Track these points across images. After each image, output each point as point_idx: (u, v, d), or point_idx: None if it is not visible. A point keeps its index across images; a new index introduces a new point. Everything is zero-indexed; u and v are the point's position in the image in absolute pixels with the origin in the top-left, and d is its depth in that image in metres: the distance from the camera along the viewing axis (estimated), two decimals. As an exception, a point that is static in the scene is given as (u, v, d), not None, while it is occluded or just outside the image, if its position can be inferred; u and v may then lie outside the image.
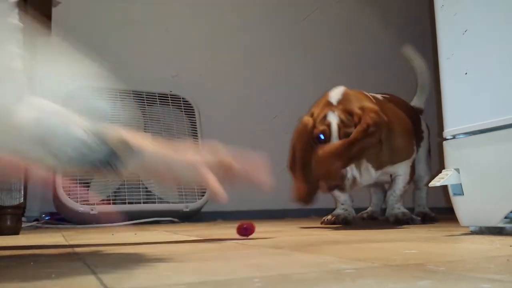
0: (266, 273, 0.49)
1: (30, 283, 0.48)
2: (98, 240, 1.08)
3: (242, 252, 0.73)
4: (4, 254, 0.79)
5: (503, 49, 0.92)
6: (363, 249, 0.73)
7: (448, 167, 1.02)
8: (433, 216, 1.67)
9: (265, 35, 2.69)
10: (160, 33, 2.46)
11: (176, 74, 2.46)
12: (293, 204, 1.38)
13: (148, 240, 1.03)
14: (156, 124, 2.17)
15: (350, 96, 1.32)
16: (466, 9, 1.00)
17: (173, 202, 2.06)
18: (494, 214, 0.92)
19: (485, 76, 0.95)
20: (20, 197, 1.32)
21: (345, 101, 1.29)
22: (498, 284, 0.41)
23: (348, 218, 1.51)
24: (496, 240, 0.82)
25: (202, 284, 0.44)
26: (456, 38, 1.01)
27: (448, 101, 1.03)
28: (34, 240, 1.10)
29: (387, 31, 2.99)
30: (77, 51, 0.89)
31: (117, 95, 2.14)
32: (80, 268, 0.58)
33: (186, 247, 0.82)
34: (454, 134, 1.01)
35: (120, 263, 0.62)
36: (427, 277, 0.45)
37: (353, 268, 0.51)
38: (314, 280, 0.45)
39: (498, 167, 0.91)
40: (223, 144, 0.86)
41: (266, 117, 2.60)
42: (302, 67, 2.71)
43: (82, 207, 1.88)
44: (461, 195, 0.98)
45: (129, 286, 0.44)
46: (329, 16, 2.85)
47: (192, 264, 0.59)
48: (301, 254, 0.67)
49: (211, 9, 2.59)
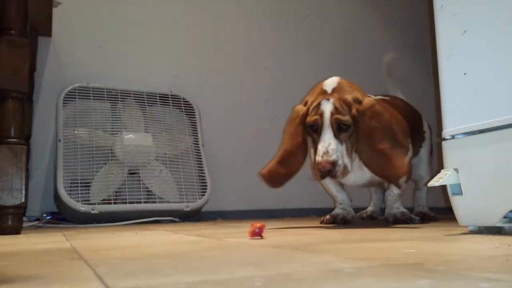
0: (266, 273, 0.50)
1: (31, 282, 0.48)
2: (99, 239, 1.08)
3: (242, 251, 0.74)
4: (5, 254, 0.79)
5: (502, 50, 0.93)
6: (363, 248, 0.73)
7: (447, 167, 1.02)
8: (432, 216, 1.67)
9: (265, 35, 2.69)
10: (161, 33, 2.47)
11: (177, 74, 2.46)
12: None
13: (148, 240, 1.03)
14: (157, 124, 2.18)
15: (345, 85, 1.32)
16: (465, 9, 1.00)
17: (173, 201, 2.06)
18: (493, 214, 0.92)
19: (484, 77, 0.95)
20: (21, 197, 1.32)
21: (340, 90, 1.30)
22: (497, 283, 0.41)
23: (347, 217, 1.51)
24: (495, 240, 0.82)
25: (202, 283, 0.44)
26: (455, 38, 1.01)
27: (447, 101, 1.03)
28: (35, 240, 1.11)
29: (386, 31, 2.99)
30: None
31: (118, 95, 2.15)
32: (81, 268, 0.58)
33: (187, 247, 0.82)
34: (453, 134, 1.01)
35: (121, 262, 0.62)
36: (426, 276, 0.45)
37: (352, 267, 0.51)
38: (313, 279, 0.45)
39: (497, 167, 0.92)
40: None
41: (266, 117, 2.60)
42: (302, 67, 2.71)
43: (83, 207, 1.88)
44: (460, 195, 0.99)
45: (130, 285, 0.45)
46: (329, 16, 2.85)
47: (192, 263, 0.59)
48: (300, 254, 0.67)
49: (211, 10, 2.59)
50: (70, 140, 2.00)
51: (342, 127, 1.26)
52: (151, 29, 2.45)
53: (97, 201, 1.93)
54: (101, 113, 2.10)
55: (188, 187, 2.12)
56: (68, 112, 2.05)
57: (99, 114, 2.09)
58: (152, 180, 2.06)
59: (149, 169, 2.06)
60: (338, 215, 1.51)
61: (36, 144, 2.12)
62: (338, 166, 1.23)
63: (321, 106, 1.28)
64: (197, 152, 2.22)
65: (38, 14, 1.96)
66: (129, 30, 2.41)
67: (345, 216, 1.51)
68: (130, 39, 2.40)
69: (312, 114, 1.28)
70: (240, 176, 2.49)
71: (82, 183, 1.94)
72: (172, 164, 2.13)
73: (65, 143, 1.98)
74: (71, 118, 2.04)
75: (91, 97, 2.10)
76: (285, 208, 2.53)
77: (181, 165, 2.14)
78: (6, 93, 1.37)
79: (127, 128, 2.09)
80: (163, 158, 2.11)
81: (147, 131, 2.13)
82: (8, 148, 1.33)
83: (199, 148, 2.23)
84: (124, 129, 2.07)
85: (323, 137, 1.25)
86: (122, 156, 2.01)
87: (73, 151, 1.99)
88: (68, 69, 2.26)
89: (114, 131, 2.06)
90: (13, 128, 1.35)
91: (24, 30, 1.41)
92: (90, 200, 1.92)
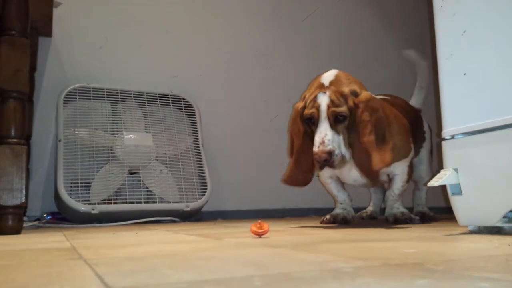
0: (266, 272, 0.50)
1: (31, 282, 0.48)
2: (99, 239, 1.08)
3: (242, 251, 0.74)
4: (6, 254, 0.80)
5: (501, 50, 0.93)
6: (362, 248, 0.73)
7: (446, 167, 1.02)
8: (432, 216, 1.67)
9: (265, 35, 2.69)
10: (161, 34, 2.47)
11: (177, 74, 2.46)
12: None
13: (148, 240, 1.03)
14: (157, 124, 2.18)
15: (343, 78, 1.32)
16: (465, 9, 1.00)
17: (173, 201, 2.06)
18: (493, 214, 0.92)
19: (484, 77, 0.95)
20: (21, 197, 1.32)
21: (337, 82, 1.30)
22: (496, 283, 0.41)
23: (347, 217, 1.51)
24: (495, 240, 0.82)
25: (202, 282, 0.44)
26: (455, 38, 1.01)
27: (447, 102, 1.03)
28: (35, 240, 1.11)
29: (386, 31, 2.99)
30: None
31: (119, 96, 2.15)
32: (81, 267, 0.58)
33: (187, 246, 0.82)
34: (453, 134, 1.02)
35: (121, 262, 0.62)
36: (426, 276, 0.45)
37: (352, 267, 0.51)
38: (313, 279, 0.45)
39: (497, 167, 0.92)
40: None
41: (266, 117, 2.61)
42: (302, 67, 2.71)
43: (83, 207, 1.88)
44: (460, 195, 0.99)
45: (130, 285, 0.45)
46: (329, 17, 2.85)
47: (192, 263, 0.59)
48: (300, 253, 0.67)
49: (211, 10, 2.59)
50: (71, 140, 2.00)
51: (339, 118, 1.26)
52: (151, 29, 2.45)
53: (97, 201, 1.93)
54: (101, 113, 2.10)
55: (188, 187, 2.13)
56: (68, 112, 2.05)
57: (99, 114, 2.09)
58: (152, 180, 2.06)
59: (149, 169, 2.07)
60: (339, 215, 1.52)
61: (36, 144, 2.12)
62: (335, 155, 1.24)
63: (317, 99, 1.29)
64: (197, 152, 2.22)
65: (39, 14, 1.96)
66: (129, 30, 2.41)
67: (345, 216, 1.51)
68: (130, 39, 2.41)
69: (309, 107, 1.30)
70: (240, 176, 2.49)
71: (82, 183, 1.94)
72: (172, 164, 2.13)
73: (66, 143, 1.98)
74: (71, 118, 2.04)
75: (91, 97, 2.10)
76: (285, 208, 2.53)
77: (181, 165, 2.14)
78: (7, 93, 1.37)
79: (127, 128, 2.09)
80: (163, 158, 2.12)
81: (147, 131, 2.13)
82: (8, 148, 1.33)
83: (199, 148, 2.23)
84: (125, 129, 2.08)
85: (320, 129, 1.26)
86: (122, 156, 2.01)
87: (74, 151, 1.99)
88: (68, 69, 2.27)
89: (114, 131, 2.06)
90: (14, 128, 1.35)
91: (25, 30, 1.41)
92: (90, 200, 1.92)
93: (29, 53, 1.43)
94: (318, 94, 1.29)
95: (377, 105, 1.29)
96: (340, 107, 1.26)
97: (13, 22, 1.39)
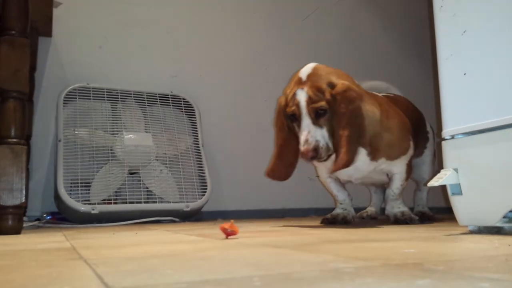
0: (266, 272, 0.50)
1: (31, 282, 0.48)
2: (99, 239, 1.08)
3: (242, 251, 0.74)
4: (5, 254, 0.80)
5: (501, 50, 0.93)
6: (362, 248, 0.73)
7: (446, 167, 1.02)
8: (432, 216, 1.67)
9: (265, 35, 2.69)
10: (161, 34, 2.47)
11: (177, 74, 2.46)
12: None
13: (148, 240, 1.03)
14: (157, 124, 2.18)
15: (321, 70, 1.33)
16: (465, 9, 1.00)
17: (173, 201, 2.06)
18: (493, 214, 0.92)
19: (484, 77, 0.95)
20: (21, 197, 1.32)
21: (314, 77, 1.31)
22: (497, 283, 0.41)
23: (347, 217, 1.51)
24: (495, 240, 0.82)
25: (202, 283, 0.44)
26: (455, 38, 1.01)
27: (447, 102, 1.03)
28: (35, 240, 1.11)
29: (386, 31, 2.99)
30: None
31: (118, 96, 2.15)
32: (81, 267, 0.58)
33: (187, 246, 0.82)
34: (453, 134, 1.02)
35: (121, 262, 0.62)
36: (426, 276, 0.45)
37: (352, 267, 0.51)
38: (313, 279, 0.45)
39: (497, 167, 0.92)
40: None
41: (266, 117, 2.60)
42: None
43: (83, 207, 1.88)
44: (460, 195, 0.99)
45: (130, 285, 0.45)
46: (329, 16, 2.85)
47: (192, 263, 0.59)
48: (300, 253, 0.67)
49: (211, 10, 2.59)
50: (70, 140, 2.00)
51: (319, 112, 1.28)
52: (151, 29, 2.45)
53: (97, 201, 1.93)
54: (101, 113, 2.10)
55: (188, 187, 2.13)
56: (68, 112, 2.05)
57: (99, 114, 2.09)
58: (152, 180, 2.06)
59: (149, 169, 2.07)
60: (339, 215, 1.51)
61: (36, 144, 2.12)
62: (320, 148, 1.26)
63: (296, 96, 1.30)
64: (197, 152, 2.22)
65: (39, 14, 1.96)
66: (129, 30, 2.41)
67: (346, 216, 1.51)
68: (130, 39, 2.41)
69: (290, 104, 1.32)
70: (240, 176, 2.49)
71: (82, 183, 1.94)
72: (172, 164, 2.13)
73: (65, 143, 1.98)
74: (71, 118, 2.04)
75: (91, 97, 2.10)
76: (285, 208, 2.53)
77: (181, 165, 2.14)
78: (7, 93, 1.37)
79: (127, 128, 2.09)
80: (163, 158, 2.12)
81: (147, 131, 2.13)
82: (8, 148, 1.33)
83: (199, 148, 2.23)
84: (124, 129, 2.08)
85: (302, 127, 1.28)
86: (122, 156, 2.01)
87: (73, 151, 1.99)
88: (68, 69, 2.27)
89: (114, 131, 2.06)
90: (14, 128, 1.35)
91: (25, 30, 1.41)
92: (90, 200, 1.92)
93: (29, 53, 1.43)
94: (297, 90, 1.31)
95: (354, 95, 1.27)
96: (319, 102, 1.27)
97: (13, 22, 1.39)
